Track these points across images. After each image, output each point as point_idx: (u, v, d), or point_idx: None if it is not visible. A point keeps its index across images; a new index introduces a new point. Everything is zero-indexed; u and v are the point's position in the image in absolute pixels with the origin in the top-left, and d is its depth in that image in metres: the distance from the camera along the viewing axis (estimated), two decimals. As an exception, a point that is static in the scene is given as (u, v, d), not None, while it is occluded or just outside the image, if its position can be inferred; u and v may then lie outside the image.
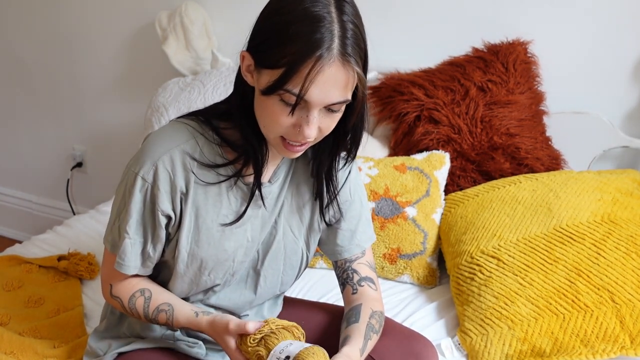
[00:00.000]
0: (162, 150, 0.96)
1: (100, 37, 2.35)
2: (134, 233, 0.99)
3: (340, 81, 0.85)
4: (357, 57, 0.87)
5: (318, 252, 1.56)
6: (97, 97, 2.45)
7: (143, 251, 1.01)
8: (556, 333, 1.22)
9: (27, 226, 2.79)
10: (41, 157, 2.70)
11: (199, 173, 0.98)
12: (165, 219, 0.99)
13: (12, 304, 1.47)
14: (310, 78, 0.82)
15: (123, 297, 1.04)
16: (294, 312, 1.20)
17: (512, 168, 1.63)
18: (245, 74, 0.92)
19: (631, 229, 1.32)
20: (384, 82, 1.81)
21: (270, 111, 0.88)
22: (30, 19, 2.44)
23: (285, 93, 0.85)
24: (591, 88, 1.74)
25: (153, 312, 1.02)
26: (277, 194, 1.05)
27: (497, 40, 1.75)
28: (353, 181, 1.11)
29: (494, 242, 1.39)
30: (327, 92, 0.85)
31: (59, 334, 1.36)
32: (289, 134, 0.90)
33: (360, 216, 1.13)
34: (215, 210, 1.00)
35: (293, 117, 0.88)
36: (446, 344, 1.30)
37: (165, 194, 0.97)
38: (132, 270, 1.01)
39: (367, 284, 1.12)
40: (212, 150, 0.99)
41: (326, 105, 0.87)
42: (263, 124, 0.92)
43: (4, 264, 1.63)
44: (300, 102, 0.85)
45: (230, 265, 1.03)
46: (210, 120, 1.00)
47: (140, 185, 0.97)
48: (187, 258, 1.01)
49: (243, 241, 1.03)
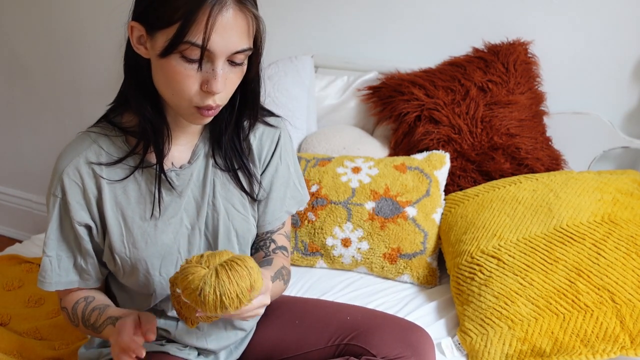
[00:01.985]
0: (66, 162, 0.96)
1: (100, 37, 2.35)
2: (54, 249, 0.99)
3: (240, 26, 0.84)
4: (252, 0, 0.86)
5: (317, 251, 1.56)
6: (97, 97, 2.45)
7: (75, 264, 1.01)
8: (556, 333, 1.22)
9: (27, 226, 2.79)
10: (41, 157, 2.70)
11: (109, 174, 0.96)
12: (85, 229, 0.98)
13: (13, 303, 1.47)
14: (210, 24, 0.81)
15: (68, 306, 1.03)
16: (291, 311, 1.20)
17: (512, 168, 1.63)
18: (137, 46, 0.89)
19: (631, 229, 1.32)
20: (384, 82, 1.81)
21: (173, 73, 0.85)
22: (30, 19, 2.44)
23: (187, 47, 0.82)
24: (591, 88, 1.75)
25: (89, 312, 1.00)
26: (203, 173, 1.02)
27: (497, 40, 1.75)
28: (283, 146, 1.09)
29: (494, 242, 1.39)
30: (229, 39, 0.83)
31: (59, 335, 1.36)
32: (199, 98, 0.87)
33: (288, 182, 1.11)
34: (140, 206, 0.98)
35: (199, 74, 0.85)
36: (446, 343, 1.30)
37: (77, 204, 0.96)
38: (61, 286, 1.01)
39: (281, 252, 1.11)
40: (118, 147, 0.97)
41: (230, 53, 0.85)
42: (171, 92, 0.88)
43: (4, 263, 1.63)
44: (204, 54, 0.83)
45: (177, 257, 1.02)
46: (107, 116, 0.99)
47: (53, 202, 0.98)
48: (130, 262, 0.99)
49: (182, 229, 1.01)
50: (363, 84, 1.90)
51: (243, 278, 0.78)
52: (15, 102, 2.64)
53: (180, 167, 1.00)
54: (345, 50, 1.98)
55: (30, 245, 1.73)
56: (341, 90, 1.94)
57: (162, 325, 1.08)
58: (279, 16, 2.03)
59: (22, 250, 1.70)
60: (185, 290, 0.79)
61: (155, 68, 0.88)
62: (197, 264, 0.81)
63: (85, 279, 1.03)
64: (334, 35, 1.98)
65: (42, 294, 1.50)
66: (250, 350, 1.17)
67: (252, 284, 0.79)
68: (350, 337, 1.10)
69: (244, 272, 0.78)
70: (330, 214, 1.55)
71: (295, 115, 1.83)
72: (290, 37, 2.04)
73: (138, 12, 0.88)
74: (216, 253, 0.83)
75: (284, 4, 2.01)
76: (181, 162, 1.01)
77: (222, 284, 0.77)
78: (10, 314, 1.40)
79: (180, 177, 1.00)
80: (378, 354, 1.05)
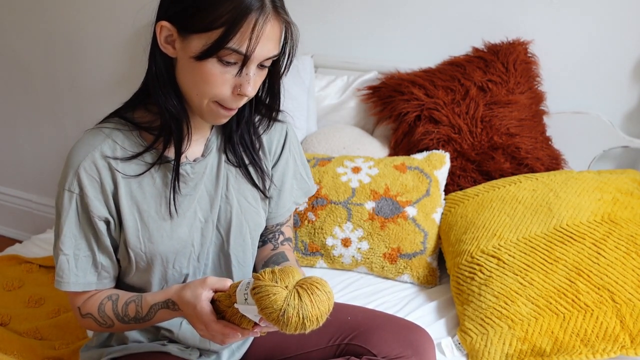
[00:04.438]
0: (81, 157, 0.95)
1: (100, 37, 2.35)
2: (71, 248, 0.97)
3: (276, 34, 0.87)
4: (284, 7, 0.89)
5: (317, 251, 1.56)
6: (97, 97, 2.45)
7: (94, 263, 0.99)
8: (556, 332, 1.22)
9: (27, 226, 2.79)
10: (41, 157, 2.70)
11: (124, 169, 0.96)
12: (104, 224, 0.97)
13: (13, 304, 1.47)
14: (255, 34, 0.83)
15: (92, 310, 1.01)
16: None
17: (512, 168, 1.63)
18: (164, 45, 0.90)
19: (631, 228, 1.32)
20: (384, 82, 1.81)
21: (208, 75, 0.86)
22: (30, 19, 2.44)
23: (228, 53, 0.84)
24: (591, 88, 1.75)
25: (122, 307, 0.99)
26: (216, 166, 1.03)
27: (497, 40, 1.75)
28: (291, 140, 1.11)
29: (494, 242, 1.39)
30: (267, 47, 0.86)
31: (59, 335, 1.36)
32: (226, 99, 0.89)
33: (295, 174, 1.13)
34: (156, 200, 0.98)
35: (234, 78, 0.87)
36: (446, 343, 1.30)
37: (95, 199, 0.95)
38: (79, 287, 0.99)
39: (288, 243, 1.14)
40: (133, 141, 0.97)
41: (264, 59, 0.88)
42: (196, 91, 0.90)
43: (5, 263, 1.63)
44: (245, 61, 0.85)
45: (190, 250, 1.02)
46: (120, 112, 0.99)
47: (68, 199, 0.95)
48: (145, 257, 0.99)
49: (196, 223, 1.01)
50: (363, 84, 1.90)
51: (323, 303, 0.82)
52: (15, 102, 2.64)
53: (194, 161, 1.00)
54: (345, 50, 1.98)
55: (31, 246, 1.73)
56: (341, 90, 1.94)
57: (166, 325, 1.08)
58: (278, 16, 2.03)
59: (22, 250, 1.70)
60: (265, 309, 0.81)
61: (185, 68, 0.89)
62: (273, 282, 0.83)
63: (103, 277, 1.01)
64: (334, 35, 1.98)
65: (42, 294, 1.50)
66: (251, 351, 1.17)
67: (329, 308, 0.83)
68: (351, 337, 1.10)
69: (324, 297, 0.82)
70: (331, 213, 1.55)
71: (295, 115, 1.83)
72: (290, 37, 2.04)
73: (171, 13, 0.88)
74: (286, 270, 0.85)
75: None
76: (195, 156, 1.01)
77: (305, 307, 0.80)
78: (11, 314, 1.40)
79: (195, 170, 1.00)
80: (379, 354, 1.05)
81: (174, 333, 1.08)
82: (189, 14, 0.85)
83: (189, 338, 1.08)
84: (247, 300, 0.83)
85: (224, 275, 1.07)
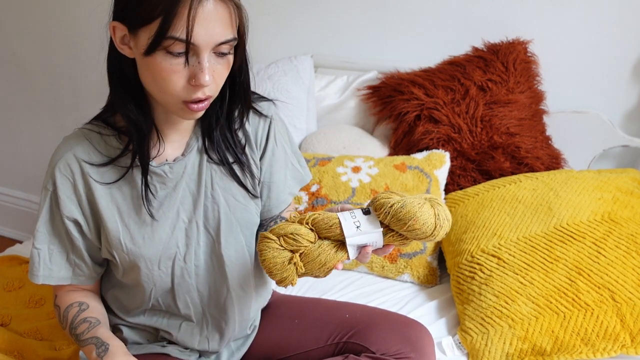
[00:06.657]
0: (57, 157, 0.97)
1: (100, 37, 2.35)
2: (44, 243, 0.99)
3: (222, 16, 0.83)
4: None
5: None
6: (97, 97, 2.45)
7: (68, 259, 1.01)
8: (557, 332, 1.22)
9: (27, 226, 2.79)
10: (41, 158, 2.70)
11: (99, 174, 0.96)
12: (72, 225, 0.98)
13: (13, 304, 1.47)
14: (191, 17, 0.80)
15: (62, 305, 1.03)
16: (291, 310, 1.20)
17: (512, 167, 1.63)
18: (121, 47, 0.89)
19: (631, 227, 1.32)
20: (384, 81, 1.81)
21: (160, 70, 0.84)
22: (30, 19, 2.44)
23: (172, 43, 0.81)
24: (591, 87, 1.75)
25: (79, 320, 0.99)
26: (197, 165, 1.01)
27: (497, 39, 1.75)
28: (276, 129, 1.08)
29: (495, 241, 1.39)
30: (213, 30, 0.82)
31: (59, 336, 1.35)
32: (187, 92, 0.86)
33: (286, 164, 1.10)
34: (136, 202, 0.98)
35: (186, 69, 0.84)
36: (447, 342, 1.30)
37: (67, 199, 0.96)
38: (52, 281, 1.00)
39: None
40: (110, 145, 0.97)
41: (215, 44, 0.84)
42: (158, 89, 0.87)
43: (5, 264, 1.63)
44: (189, 47, 0.82)
45: (175, 251, 1.01)
46: (102, 115, 0.98)
47: (44, 196, 0.98)
48: (128, 258, 0.99)
49: (179, 223, 1.00)
50: (363, 84, 1.90)
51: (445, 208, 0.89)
52: (15, 102, 2.65)
53: (174, 161, 0.99)
54: (345, 50, 1.98)
55: (31, 246, 1.73)
56: (341, 90, 1.94)
57: (165, 326, 1.07)
58: (278, 16, 2.03)
59: (23, 250, 1.70)
60: (417, 221, 0.85)
61: (141, 67, 0.87)
62: (402, 197, 0.89)
63: (78, 274, 1.02)
64: (334, 35, 1.98)
65: (42, 295, 1.50)
66: (251, 351, 1.17)
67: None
68: (350, 335, 1.10)
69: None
70: (331, 213, 1.55)
71: (295, 115, 1.83)
72: (290, 37, 2.04)
73: (118, 11, 0.87)
74: (387, 192, 0.92)
75: (284, 4, 2.01)
76: (175, 157, 1.00)
77: (446, 212, 0.88)
78: (11, 315, 1.40)
79: (174, 170, 0.99)
80: (377, 351, 1.05)
81: (173, 335, 1.07)
82: (130, 10, 0.84)
83: (188, 340, 1.08)
84: (362, 228, 0.85)
85: (218, 275, 1.05)
